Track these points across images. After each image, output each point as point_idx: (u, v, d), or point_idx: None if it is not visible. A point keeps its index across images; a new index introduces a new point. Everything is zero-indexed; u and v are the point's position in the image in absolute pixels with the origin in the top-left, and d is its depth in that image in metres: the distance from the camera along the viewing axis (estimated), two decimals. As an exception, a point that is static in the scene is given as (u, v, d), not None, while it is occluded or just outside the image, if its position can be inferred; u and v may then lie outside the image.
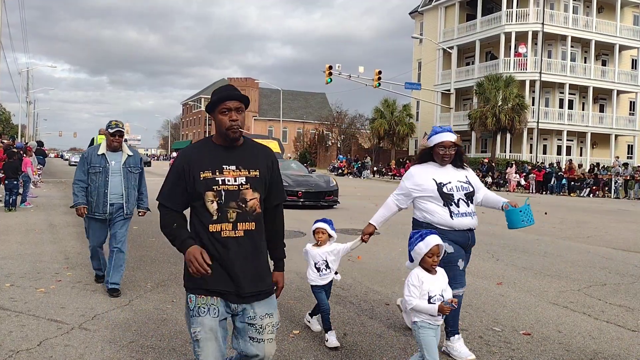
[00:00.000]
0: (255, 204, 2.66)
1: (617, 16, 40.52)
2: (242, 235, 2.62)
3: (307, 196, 14.53)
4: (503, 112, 33.44)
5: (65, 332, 4.27)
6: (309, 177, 15.77)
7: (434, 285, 3.29)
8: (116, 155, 5.47)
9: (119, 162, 5.44)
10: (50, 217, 11.47)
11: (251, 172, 2.68)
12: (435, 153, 4.10)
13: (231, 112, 2.61)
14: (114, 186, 5.40)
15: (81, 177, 5.42)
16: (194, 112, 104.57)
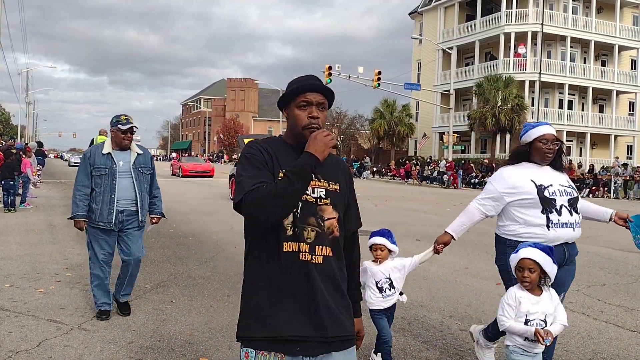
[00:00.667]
0: (334, 225, 2.08)
1: (616, 17, 40.55)
2: (320, 262, 2.01)
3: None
4: (502, 112, 33.46)
5: (65, 333, 4.28)
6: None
7: (536, 307, 2.86)
8: (124, 154, 4.71)
9: (127, 162, 4.67)
10: (49, 217, 11.47)
11: (331, 184, 2.13)
12: (534, 149, 3.51)
13: (311, 107, 2.10)
14: (122, 190, 4.62)
15: (84, 182, 4.60)
16: (193, 113, 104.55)
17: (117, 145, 4.71)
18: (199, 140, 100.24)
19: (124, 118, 4.68)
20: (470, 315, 4.99)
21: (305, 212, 2.02)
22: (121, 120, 4.65)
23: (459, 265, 7.31)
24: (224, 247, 8.27)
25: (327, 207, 2.07)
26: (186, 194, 19.05)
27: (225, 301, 5.27)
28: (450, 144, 36.78)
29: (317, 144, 1.97)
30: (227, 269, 6.72)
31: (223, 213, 12.98)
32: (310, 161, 1.95)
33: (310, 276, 1.98)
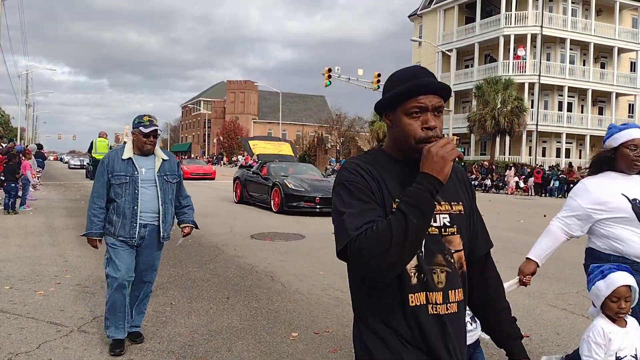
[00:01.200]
0: (462, 259, 1.70)
1: (615, 19, 40.61)
2: (455, 311, 1.64)
3: (325, 202, 13.48)
4: (502, 114, 33.48)
5: (65, 335, 4.28)
6: (326, 181, 14.89)
7: (625, 341, 2.43)
8: (147, 160, 4.07)
9: (151, 169, 4.05)
10: (49, 219, 11.47)
11: (454, 205, 1.71)
12: (620, 156, 3.03)
13: (426, 115, 1.64)
14: (146, 201, 4.00)
15: (100, 193, 4.00)
16: (193, 115, 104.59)
17: (139, 149, 4.07)
18: (199, 142, 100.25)
19: (146, 119, 4.04)
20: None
21: (430, 250, 1.61)
22: (143, 122, 4.03)
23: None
24: (223, 249, 8.27)
25: (454, 237, 1.67)
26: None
27: (225, 303, 5.27)
28: (450, 146, 36.74)
29: (434, 160, 1.51)
30: (226, 271, 6.72)
31: (223, 215, 12.99)
32: (429, 185, 1.50)
33: (445, 333, 1.60)
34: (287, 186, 13.72)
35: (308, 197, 13.54)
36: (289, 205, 13.49)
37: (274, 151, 17.23)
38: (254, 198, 15.65)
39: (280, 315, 4.91)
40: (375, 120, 44.85)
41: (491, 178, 31.83)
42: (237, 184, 17.08)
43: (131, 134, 4.11)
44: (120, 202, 3.97)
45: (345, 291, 5.82)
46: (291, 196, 13.52)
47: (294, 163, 17.19)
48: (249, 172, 16.67)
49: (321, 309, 5.16)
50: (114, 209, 4.00)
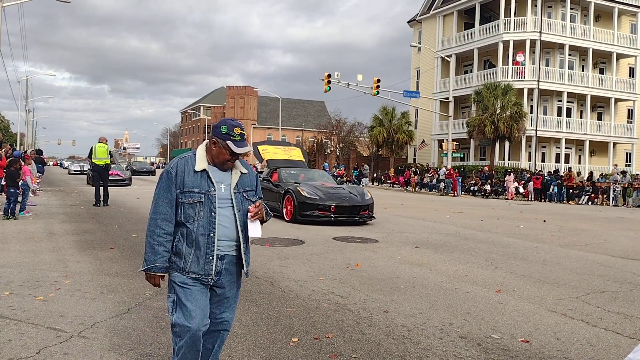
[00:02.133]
0: None
1: (614, 25, 40.76)
2: None
3: (341, 211, 12.76)
4: (501, 120, 33.56)
5: (64, 340, 4.27)
6: (341, 189, 13.88)
7: None
8: (224, 173, 3.23)
9: (229, 186, 3.21)
10: (49, 225, 11.47)
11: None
12: None
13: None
14: (224, 226, 3.14)
15: (166, 213, 3.09)
16: (193, 120, 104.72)
17: (216, 164, 3.20)
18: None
19: (238, 132, 3.13)
20: (470, 323, 5.00)
21: None
22: (235, 137, 3.11)
23: (458, 273, 7.32)
24: (223, 254, 8.26)
25: None
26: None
27: (225, 309, 5.26)
28: (450, 151, 36.87)
29: None
30: (226, 276, 6.71)
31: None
32: None
33: None
34: (301, 194, 12.87)
35: (323, 205, 12.71)
36: (302, 214, 12.70)
37: (284, 156, 16.40)
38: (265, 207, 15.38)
39: (280, 321, 4.90)
40: (374, 125, 44.92)
41: (490, 183, 31.84)
42: None
43: (210, 142, 3.18)
44: (192, 227, 3.09)
45: (346, 296, 5.82)
46: (305, 204, 12.73)
47: (305, 169, 16.34)
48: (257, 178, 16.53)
49: (321, 314, 5.15)
50: (182, 237, 3.12)
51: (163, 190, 3.11)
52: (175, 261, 3.14)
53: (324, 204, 12.72)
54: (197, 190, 3.09)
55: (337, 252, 8.77)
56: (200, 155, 3.18)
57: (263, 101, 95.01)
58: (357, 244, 9.75)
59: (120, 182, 27.94)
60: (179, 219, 3.11)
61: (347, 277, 6.82)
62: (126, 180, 28.89)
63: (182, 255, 3.12)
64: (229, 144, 3.08)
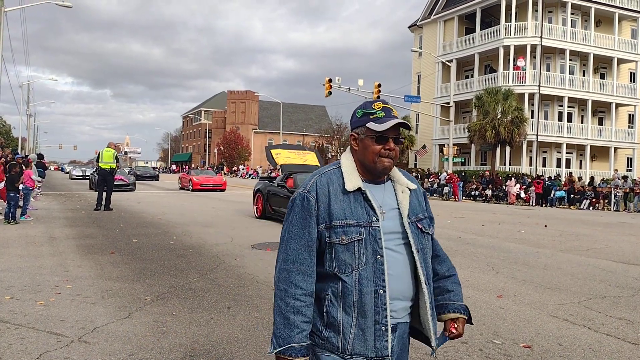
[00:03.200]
0: None
1: (615, 30, 40.81)
2: None
3: None
4: (502, 124, 33.56)
5: (65, 345, 4.27)
6: None
7: None
8: (384, 191, 2.16)
9: (395, 211, 2.13)
10: (50, 229, 11.47)
11: None
12: None
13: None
14: (395, 277, 2.06)
15: (303, 262, 2.04)
16: (194, 125, 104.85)
17: (367, 170, 2.12)
18: (199, 152, 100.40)
19: (379, 107, 2.13)
20: (471, 328, 4.98)
21: None
22: (375, 112, 2.12)
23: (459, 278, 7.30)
24: (224, 259, 8.27)
25: None
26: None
27: (226, 313, 5.26)
28: (450, 156, 36.87)
29: None
30: (227, 281, 6.71)
31: (222, 225, 12.98)
32: None
33: None
34: None
35: None
36: None
37: (298, 161, 15.74)
38: (279, 213, 14.10)
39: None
40: (375, 130, 44.88)
41: (492, 188, 31.83)
42: (259, 197, 15.49)
43: (350, 141, 2.19)
44: (351, 281, 2.00)
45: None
46: None
47: None
48: (272, 183, 15.23)
49: (322, 319, 5.14)
50: (336, 297, 2.02)
51: (297, 226, 2.04)
52: (327, 337, 2.01)
53: None
54: (354, 221, 2.01)
55: (338, 257, 8.76)
56: (348, 168, 2.12)
57: (264, 106, 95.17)
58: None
59: (124, 187, 27.40)
60: (327, 269, 2.02)
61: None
62: (130, 185, 28.31)
63: (338, 328, 2.00)
64: (369, 126, 2.08)
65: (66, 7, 27.26)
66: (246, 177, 64.97)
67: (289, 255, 2.04)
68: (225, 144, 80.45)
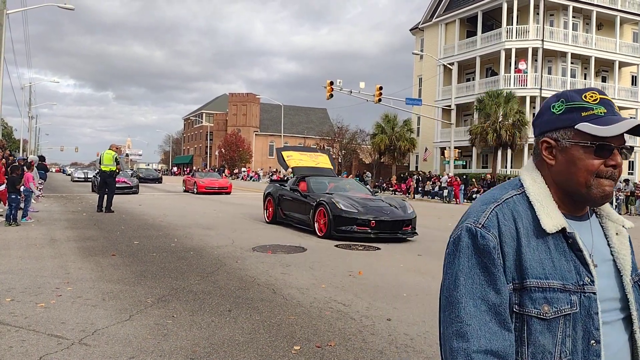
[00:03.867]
0: None
1: (616, 33, 40.81)
2: None
3: (381, 226, 11.19)
4: (504, 127, 33.56)
5: (66, 348, 4.25)
6: (379, 201, 12.35)
7: None
8: (594, 233, 1.41)
9: (609, 263, 1.38)
10: (51, 231, 11.47)
11: None
12: None
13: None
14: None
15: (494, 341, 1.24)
16: (195, 127, 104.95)
17: (574, 197, 1.39)
18: (201, 154, 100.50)
19: (594, 98, 1.38)
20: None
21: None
22: (589, 107, 1.37)
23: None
24: (225, 261, 8.26)
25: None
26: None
27: (227, 316, 5.25)
28: (452, 159, 36.85)
29: None
30: (228, 283, 6.70)
31: (224, 227, 12.97)
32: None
33: None
34: (337, 206, 11.34)
35: (361, 220, 11.16)
36: (338, 229, 11.18)
37: (310, 163, 14.93)
38: (291, 218, 13.39)
39: (282, 329, 4.88)
40: (376, 133, 44.94)
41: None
42: (269, 201, 14.59)
43: (541, 150, 1.44)
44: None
45: (348, 304, 5.80)
46: (341, 218, 11.19)
47: (335, 178, 14.86)
48: (284, 187, 14.33)
49: (323, 322, 5.13)
50: None
51: (472, 278, 1.31)
52: None
53: (363, 218, 11.18)
54: (559, 283, 1.31)
55: (339, 260, 8.75)
56: (540, 195, 1.40)
57: (265, 108, 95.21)
58: (359, 252, 9.72)
59: (127, 190, 26.64)
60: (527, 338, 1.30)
61: (350, 285, 6.79)
62: (133, 187, 27.42)
63: None
64: (582, 128, 1.35)
65: (68, 9, 27.32)
66: (247, 179, 64.98)
67: (467, 326, 1.27)
68: (226, 147, 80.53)
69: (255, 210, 16.44)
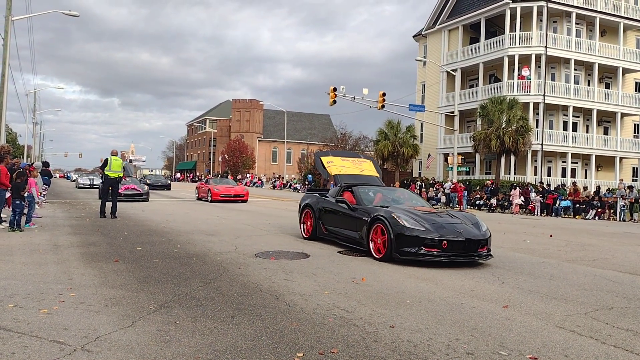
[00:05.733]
0: None
1: (619, 39, 40.79)
2: None
3: (454, 248, 9.01)
4: (507, 134, 33.53)
5: (68, 354, 4.24)
6: (447, 216, 10.09)
7: None
8: None
9: None
10: (54, 237, 11.48)
11: None
12: None
13: None
14: None
15: None
16: (199, 133, 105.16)
17: None
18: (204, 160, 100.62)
19: None
20: (477, 339, 4.94)
21: None
22: None
23: (464, 288, 7.26)
24: (228, 267, 8.24)
25: None
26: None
27: (230, 322, 5.23)
28: (455, 165, 36.80)
29: None
30: (231, 289, 6.68)
31: (226, 233, 12.96)
32: None
33: None
34: (399, 223, 9.24)
35: (431, 240, 8.96)
36: (402, 250, 9.07)
37: (354, 171, 13.21)
38: (336, 235, 11.40)
39: (285, 335, 4.86)
40: (380, 139, 44.92)
41: (497, 198, 31.74)
42: (307, 213, 12.56)
43: None
44: None
45: (351, 311, 5.77)
46: (406, 238, 9.06)
47: (387, 188, 12.89)
48: (326, 197, 12.35)
49: (326, 328, 5.11)
50: None
51: None
52: None
53: (433, 237, 8.99)
54: None
55: (343, 266, 8.72)
56: None
57: (269, 114, 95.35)
58: (362, 258, 9.70)
59: (137, 197, 25.85)
60: None
61: (353, 291, 6.77)
62: (143, 195, 26.40)
63: None
64: None
65: (73, 16, 27.45)
66: (250, 185, 64.96)
67: None
68: (229, 152, 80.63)
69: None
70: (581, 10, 39.38)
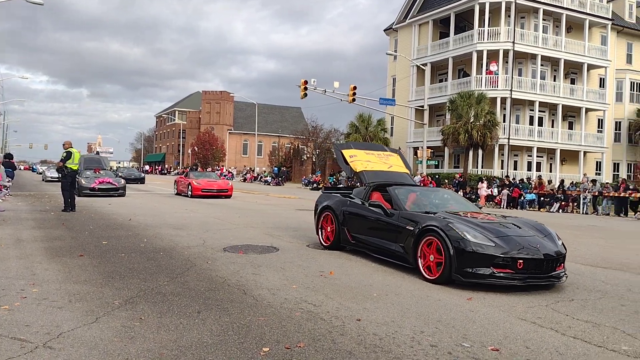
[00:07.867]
0: None
1: (585, 36, 41.67)
2: None
3: (530, 267, 6.99)
4: (475, 128, 34.00)
5: (29, 351, 4.17)
6: (513, 226, 7.84)
7: None
8: None
9: None
10: (17, 231, 11.22)
11: None
12: None
13: None
14: None
15: None
16: (167, 125, 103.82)
17: None
18: (173, 152, 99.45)
19: None
20: (441, 331, 5.02)
21: None
22: None
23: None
24: (195, 262, 8.19)
25: None
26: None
27: (196, 317, 5.21)
28: (424, 159, 37.18)
29: None
30: (198, 284, 6.64)
31: (195, 227, 12.86)
32: None
33: None
34: (460, 236, 7.11)
35: (502, 258, 6.91)
36: (465, 272, 6.97)
37: (381, 166, 10.93)
38: (367, 245, 9.19)
39: (251, 330, 4.86)
40: (351, 132, 45.06)
41: (464, 191, 32.19)
42: (328, 217, 10.26)
43: None
44: None
45: (318, 305, 5.80)
46: (470, 255, 6.96)
47: (422, 187, 10.91)
48: (351, 199, 10.06)
49: (293, 323, 5.13)
50: None
51: None
52: None
53: (505, 255, 6.93)
54: None
55: (311, 260, 8.75)
56: None
57: (240, 106, 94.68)
58: (331, 252, 9.73)
59: (113, 192, 23.55)
60: None
61: (321, 285, 6.80)
62: (120, 189, 23.96)
63: None
64: None
65: (37, 4, 26.74)
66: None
67: None
68: (199, 145, 79.84)
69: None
70: (548, 7, 40.08)
